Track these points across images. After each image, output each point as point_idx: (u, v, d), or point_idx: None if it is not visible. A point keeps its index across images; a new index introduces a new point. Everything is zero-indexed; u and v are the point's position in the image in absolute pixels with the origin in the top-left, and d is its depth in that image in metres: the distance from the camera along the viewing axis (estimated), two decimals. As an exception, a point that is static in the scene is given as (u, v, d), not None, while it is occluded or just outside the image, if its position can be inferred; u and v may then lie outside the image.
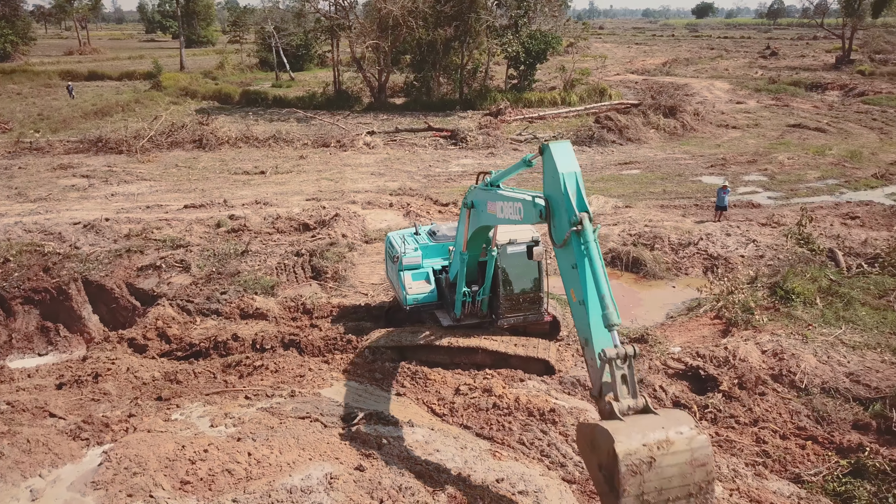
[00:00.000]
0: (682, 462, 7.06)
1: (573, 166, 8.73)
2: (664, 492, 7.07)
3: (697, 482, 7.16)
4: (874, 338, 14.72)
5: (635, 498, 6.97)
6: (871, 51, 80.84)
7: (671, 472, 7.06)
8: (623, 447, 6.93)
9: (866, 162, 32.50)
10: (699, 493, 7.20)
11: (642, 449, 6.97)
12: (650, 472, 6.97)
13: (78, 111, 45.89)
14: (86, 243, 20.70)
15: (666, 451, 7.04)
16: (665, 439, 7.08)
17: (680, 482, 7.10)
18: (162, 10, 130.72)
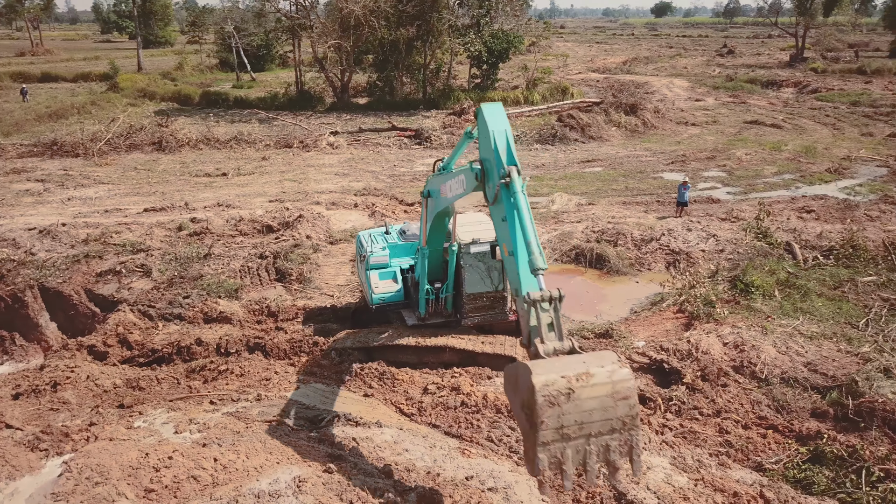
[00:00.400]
0: (603, 394, 6.77)
1: (503, 124, 8.94)
2: (585, 426, 6.78)
3: (621, 416, 6.86)
4: (830, 328, 15.14)
5: (554, 431, 6.71)
6: (823, 49, 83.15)
7: (591, 404, 6.76)
8: (540, 379, 6.69)
9: (820, 157, 33.38)
10: (623, 428, 6.88)
11: (560, 380, 6.70)
12: (569, 404, 6.69)
13: (31, 114, 44.70)
14: (42, 249, 20.20)
15: (585, 383, 6.75)
16: (585, 372, 6.81)
17: (602, 416, 6.80)
18: (118, 9, 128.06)
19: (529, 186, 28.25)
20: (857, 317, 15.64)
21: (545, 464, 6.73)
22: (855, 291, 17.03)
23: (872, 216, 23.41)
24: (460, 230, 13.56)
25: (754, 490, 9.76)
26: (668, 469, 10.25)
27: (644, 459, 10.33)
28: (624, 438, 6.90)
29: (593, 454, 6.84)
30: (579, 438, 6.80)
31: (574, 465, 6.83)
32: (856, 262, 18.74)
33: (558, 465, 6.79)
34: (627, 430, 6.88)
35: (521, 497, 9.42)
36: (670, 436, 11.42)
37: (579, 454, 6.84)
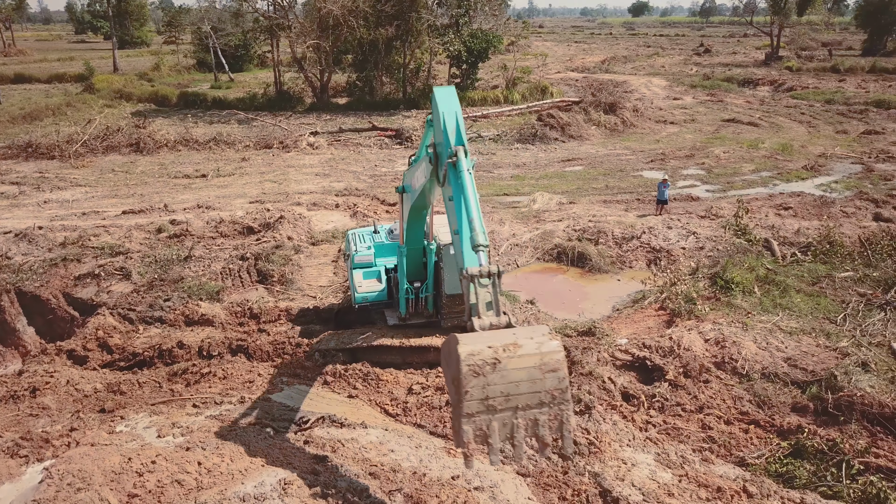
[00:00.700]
0: (531, 366, 6.54)
1: (454, 106, 9.01)
2: (512, 398, 6.54)
3: (549, 390, 6.61)
4: (809, 323, 15.35)
5: (479, 402, 6.50)
6: (798, 48, 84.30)
7: (518, 375, 6.51)
8: (466, 348, 6.52)
9: (797, 154, 33.83)
10: (552, 402, 6.61)
11: (487, 350, 6.50)
12: (494, 374, 6.47)
13: (5, 115, 43.98)
14: (18, 253, 19.88)
15: (512, 353, 6.53)
16: (513, 343, 6.60)
17: (529, 388, 6.55)
18: (92, 9, 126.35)
19: (511, 186, 28.40)
20: (835, 312, 15.87)
21: (470, 436, 6.55)
22: (833, 287, 17.28)
23: (848, 212, 23.78)
24: (441, 230, 13.52)
25: (737, 485, 9.86)
26: (653, 465, 10.33)
27: (629, 456, 10.43)
28: (553, 413, 6.66)
29: (521, 428, 6.63)
30: (506, 411, 6.59)
31: (500, 438, 6.62)
32: (833, 257, 19.02)
33: (484, 437, 6.59)
34: (557, 404, 6.64)
35: (507, 496, 9.45)
36: (654, 432, 11.51)
37: (506, 427, 6.63)
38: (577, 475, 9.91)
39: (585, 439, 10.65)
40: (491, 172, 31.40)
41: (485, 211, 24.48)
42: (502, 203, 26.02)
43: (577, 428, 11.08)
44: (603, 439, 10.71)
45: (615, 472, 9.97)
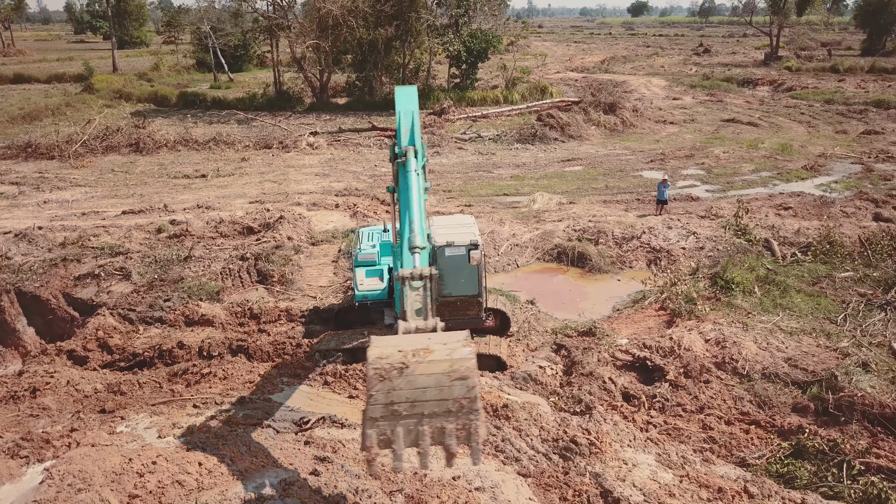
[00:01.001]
0: (439, 372, 6.37)
1: (411, 106, 9.23)
2: (418, 404, 6.36)
3: (457, 398, 6.39)
4: (809, 323, 15.35)
5: (384, 406, 6.37)
6: (797, 47, 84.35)
7: (425, 381, 6.35)
8: (375, 352, 6.43)
9: (796, 154, 33.84)
10: (461, 411, 6.39)
11: (396, 354, 6.39)
12: (401, 380, 6.34)
13: (4, 116, 43.96)
14: (18, 253, 19.88)
15: (421, 359, 6.38)
16: (424, 348, 6.45)
17: (436, 395, 6.38)
18: (91, 9, 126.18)
19: (510, 186, 28.40)
20: (835, 312, 15.87)
21: (373, 440, 6.43)
22: (833, 287, 17.28)
23: (848, 212, 23.79)
24: (438, 231, 13.51)
25: (738, 485, 9.87)
26: (654, 466, 10.34)
27: (629, 457, 10.43)
28: (462, 423, 6.44)
29: (426, 436, 6.44)
30: (411, 417, 6.41)
31: (405, 444, 6.47)
32: (833, 258, 19.03)
33: (388, 442, 6.46)
34: (465, 413, 6.42)
35: (508, 496, 9.45)
36: (655, 433, 11.51)
37: (411, 434, 6.45)
38: (577, 475, 9.91)
39: (586, 440, 10.65)
40: (491, 172, 31.40)
41: (485, 211, 24.48)
42: (502, 203, 26.02)
43: (578, 427, 11.09)
44: (604, 440, 10.71)
45: (616, 473, 9.97)
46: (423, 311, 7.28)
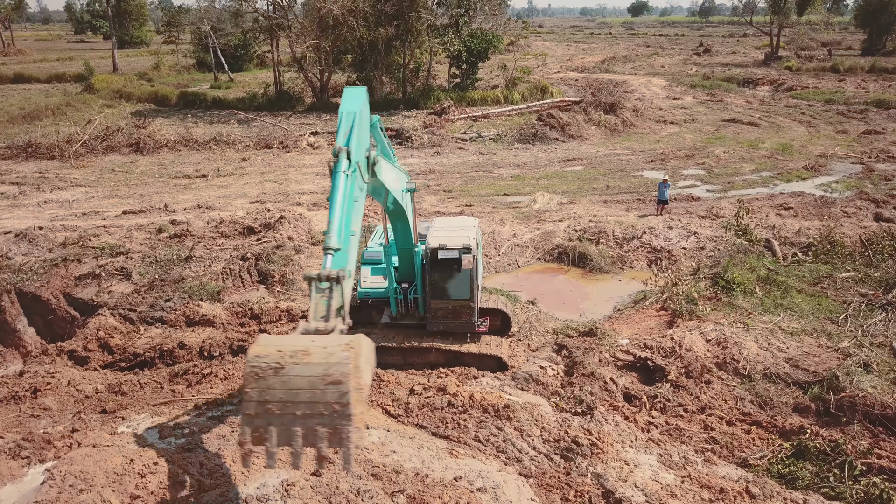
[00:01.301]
0: (313, 375, 6.41)
1: (353, 107, 9.11)
2: (290, 405, 6.43)
3: (329, 402, 6.40)
4: (810, 323, 15.34)
5: (258, 404, 6.46)
6: (797, 47, 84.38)
7: (299, 383, 6.42)
8: (254, 350, 6.52)
9: (797, 154, 33.83)
10: (333, 416, 6.40)
11: (274, 354, 6.47)
12: (276, 379, 6.42)
13: (5, 115, 43.95)
14: (18, 253, 19.86)
15: (298, 360, 6.46)
16: (302, 349, 6.51)
17: (309, 398, 6.41)
18: (91, 9, 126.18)
19: (511, 186, 28.39)
20: (836, 312, 15.86)
21: (247, 436, 6.53)
22: (834, 287, 17.28)
23: (849, 212, 23.78)
24: (434, 233, 13.48)
25: (740, 486, 9.87)
26: (655, 466, 10.33)
27: (631, 457, 10.43)
28: (334, 427, 6.46)
29: (298, 437, 6.50)
30: (284, 417, 6.48)
31: (278, 443, 6.54)
32: (834, 258, 19.02)
33: (261, 439, 6.53)
34: (337, 418, 6.43)
35: (509, 497, 9.44)
36: (656, 433, 11.50)
37: (284, 434, 6.52)
38: (579, 476, 9.91)
39: (588, 440, 10.64)
40: (491, 172, 31.39)
41: (485, 211, 24.47)
42: (503, 203, 26.01)
43: (580, 428, 11.08)
44: (605, 440, 10.70)
45: (618, 473, 9.96)
46: (326, 312, 7.27)
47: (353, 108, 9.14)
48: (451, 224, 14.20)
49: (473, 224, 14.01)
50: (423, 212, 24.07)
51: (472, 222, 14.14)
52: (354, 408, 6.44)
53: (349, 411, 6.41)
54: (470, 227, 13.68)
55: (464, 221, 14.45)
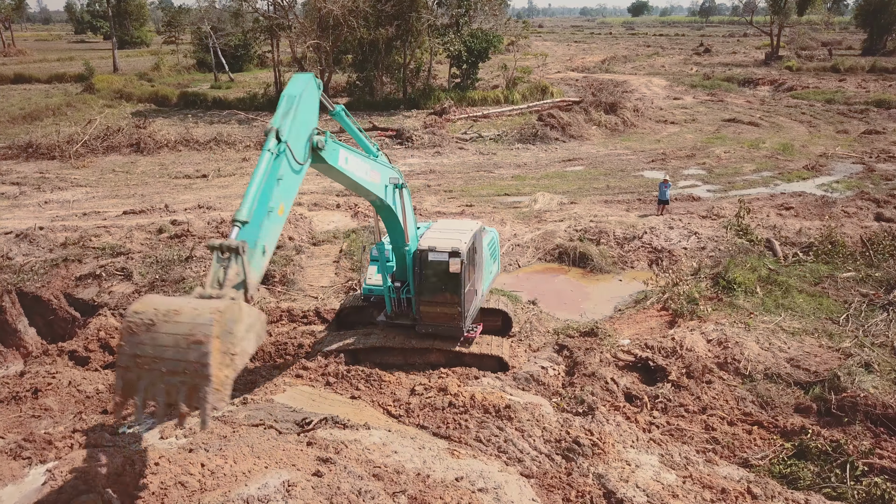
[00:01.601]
0: (179, 333, 6.67)
1: (294, 91, 9.51)
2: (158, 361, 6.71)
3: (191, 361, 6.63)
4: (812, 323, 15.33)
5: (129, 357, 6.80)
6: (798, 47, 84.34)
7: (166, 340, 6.70)
8: (134, 307, 6.86)
9: (797, 154, 33.83)
10: (194, 375, 6.62)
11: (150, 311, 6.80)
12: (147, 335, 6.74)
13: (5, 116, 43.94)
14: (19, 253, 19.85)
15: (168, 319, 6.74)
16: (174, 309, 6.81)
17: (173, 355, 6.67)
18: (91, 9, 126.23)
19: (512, 186, 28.38)
20: (837, 312, 15.85)
21: (119, 387, 6.89)
22: (835, 287, 17.27)
23: (849, 212, 23.76)
24: (428, 234, 13.44)
25: (741, 486, 9.85)
26: (657, 466, 10.32)
27: (632, 457, 10.42)
28: (193, 386, 6.68)
29: (162, 392, 6.77)
30: (153, 372, 6.76)
31: (145, 396, 6.83)
32: (835, 258, 19.01)
33: (132, 392, 6.86)
34: (197, 378, 6.65)
35: (511, 497, 9.43)
36: (657, 433, 11.50)
37: (152, 388, 6.81)
38: (580, 476, 9.90)
39: (589, 440, 10.63)
40: (492, 172, 31.38)
41: (486, 211, 24.46)
42: (503, 203, 26.00)
43: (581, 428, 11.08)
44: (606, 440, 10.69)
45: (619, 474, 9.95)
46: (223, 281, 7.53)
47: (294, 91, 9.51)
48: (449, 226, 14.06)
49: (471, 228, 13.74)
50: (423, 212, 24.06)
51: (470, 226, 13.92)
52: (215, 370, 6.65)
53: (207, 372, 6.62)
54: (468, 231, 13.47)
55: (464, 224, 14.25)
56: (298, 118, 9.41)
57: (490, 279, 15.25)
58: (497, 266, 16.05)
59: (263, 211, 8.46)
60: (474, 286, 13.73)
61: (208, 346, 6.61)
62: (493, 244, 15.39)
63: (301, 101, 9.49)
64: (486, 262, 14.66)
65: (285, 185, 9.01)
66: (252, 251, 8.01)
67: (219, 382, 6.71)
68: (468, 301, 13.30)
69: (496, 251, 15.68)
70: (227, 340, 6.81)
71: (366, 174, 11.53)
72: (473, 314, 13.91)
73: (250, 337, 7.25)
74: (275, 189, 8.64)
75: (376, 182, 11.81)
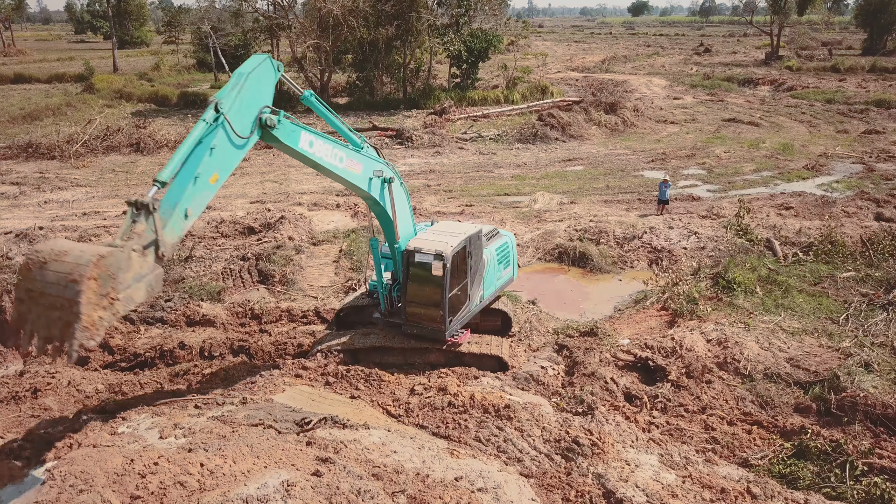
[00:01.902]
0: (61, 271, 7.27)
1: (243, 69, 10.04)
2: (44, 297, 7.35)
3: (66, 298, 7.24)
4: (811, 323, 15.32)
5: (24, 291, 7.46)
6: (798, 47, 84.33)
7: (52, 278, 7.30)
8: (38, 245, 7.61)
9: (797, 154, 33.82)
10: (66, 310, 7.24)
11: (46, 251, 7.43)
12: (38, 272, 7.35)
13: (5, 116, 43.94)
14: (18, 253, 19.83)
15: (57, 258, 7.36)
16: (65, 250, 7.43)
17: (55, 291, 7.28)
18: (91, 9, 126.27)
19: (511, 186, 28.39)
20: (837, 312, 15.85)
21: (14, 318, 7.69)
22: (834, 287, 17.26)
23: (849, 212, 23.76)
24: (420, 236, 13.34)
25: (741, 486, 9.84)
26: (656, 466, 10.31)
27: (632, 457, 10.41)
28: (67, 322, 7.27)
29: (45, 326, 7.44)
30: (39, 306, 7.44)
31: (33, 328, 7.52)
32: (834, 257, 19.01)
33: (23, 322, 7.55)
34: (70, 315, 7.21)
35: (510, 497, 9.43)
36: (657, 433, 11.49)
37: (37, 321, 7.48)
38: (580, 476, 9.89)
39: (588, 440, 10.62)
40: (492, 172, 31.38)
41: (486, 211, 24.45)
42: (503, 203, 26.00)
43: (580, 428, 11.07)
44: (606, 440, 10.68)
45: (618, 473, 9.95)
46: (127, 234, 8.18)
47: (244, 69, 9.95)
48: (445, 228, 13.85)
49: (464, 231, 13.43)
50: (423, 211, 24.06)
51: (467, 230, 13.60)
52: (86, 309, 7.23)
53: (78, 310, 7.19)
54: (458, 235, 13.17)
55: (460, 228, 13.94)
56: (244, 94, 9.74)
57: (498, 285, 14.89)
58: (512, 272, 15.67)
59: (189, 176, 8.98)
60: (466, 291, 13.45)
61: (84, 285, 7.18)
62: (504, 249, 15.04)
63: (249, 78, 9.83)
64: (492, 268, 14.35)
65: (219, 155, 9.44)
66: (171, 211, 8.65)
67: (89, 321, 7.31)
68: (453, 306, 13.05)
69: (508, 256, 15.28)
70: (107, 284, 7.46)
71: (338, 161, 11.60)
72: (463, 320, 13.63)
73: (139, 287, 7.97)
74: (205, 157, 9.10)
75: (356, 172, 11.88)
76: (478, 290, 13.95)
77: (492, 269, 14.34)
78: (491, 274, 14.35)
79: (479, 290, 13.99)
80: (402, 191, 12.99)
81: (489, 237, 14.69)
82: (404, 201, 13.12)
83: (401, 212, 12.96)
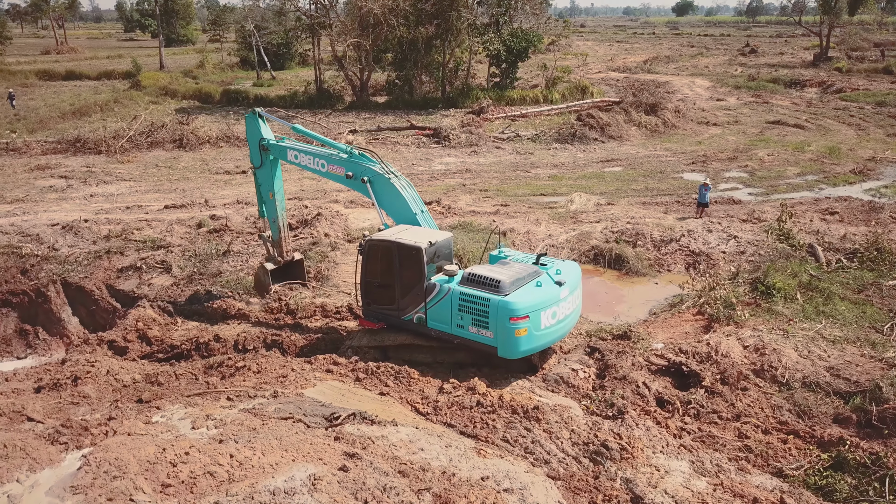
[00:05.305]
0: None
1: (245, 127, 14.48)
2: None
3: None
4: (854, 332, 14.88)
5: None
6: (848, 48, 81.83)
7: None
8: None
9: (844, 158, 32.90)
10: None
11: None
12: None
13: (56, 111, 45.28)
14: (64, 245, 20.43)
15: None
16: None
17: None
18: (140, 8, 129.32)
19: (548, 186, 28.20)
20: (881, 321, 15.36)
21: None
22: (879, 295, 16.74)
23: (898, 218, 23.02)
24: (394, 229, 13.92)
25: (774, 496, 9.61)
26: (687, 473, 10.14)
27: (662, 463, 10.26)
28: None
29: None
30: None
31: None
32: (880, 265, 18.42)
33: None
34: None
35: (536, 498, 9.36)
36: (689, 440, 11.28)
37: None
38: (608, 480, 9.77)
39: (617, 444, 10.49)
40: (528, 172, 31.22)
41: (521, 210, 24.34)
42: (539, 203, 25.84)
43: (610, 431, 10.94)
44: (636, 445, 10.54)
45: (647, 479, 9.80)
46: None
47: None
48: (420, 231, 13.85)
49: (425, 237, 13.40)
50: (457, 211, 24.07)
51: (432, 236, 13.57)
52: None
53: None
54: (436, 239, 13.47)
55: (426, 234, 13.73)
56: (248, 138, 15.55)
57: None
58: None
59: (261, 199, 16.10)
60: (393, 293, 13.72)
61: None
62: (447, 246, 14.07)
63: (246, 126, 15.20)
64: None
65: (259, 180, 16.36)
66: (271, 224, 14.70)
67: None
68: (369, 293, 14.24)
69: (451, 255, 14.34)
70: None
71: (320, 167, 14.90)
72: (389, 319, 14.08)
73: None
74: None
75: (338, 174, 14.67)
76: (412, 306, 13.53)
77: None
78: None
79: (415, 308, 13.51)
80: (389, 186, 14.22)
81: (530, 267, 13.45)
82: (393, 195, 14.29)
83: (388, 205, 14.46)
